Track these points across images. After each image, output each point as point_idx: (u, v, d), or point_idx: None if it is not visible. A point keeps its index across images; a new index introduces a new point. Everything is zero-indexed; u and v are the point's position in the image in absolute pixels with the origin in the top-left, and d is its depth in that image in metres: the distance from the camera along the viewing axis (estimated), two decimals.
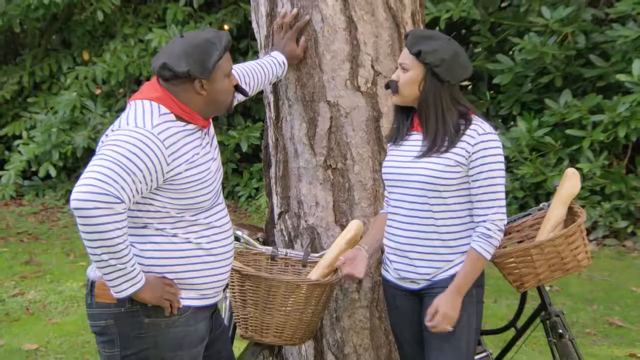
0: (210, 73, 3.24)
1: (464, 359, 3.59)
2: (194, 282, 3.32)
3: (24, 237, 9.57)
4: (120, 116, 3.26)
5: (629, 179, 8.72)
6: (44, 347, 6.11)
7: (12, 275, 7.96)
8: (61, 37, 12.67)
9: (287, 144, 4.24)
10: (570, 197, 4.08)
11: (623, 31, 8.66)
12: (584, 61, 9.22)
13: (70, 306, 7.03)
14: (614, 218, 8.71)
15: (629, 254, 8.46)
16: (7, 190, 11.36)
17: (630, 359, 5.76)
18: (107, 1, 11.43)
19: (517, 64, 9.19)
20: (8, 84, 12.01)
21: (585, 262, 4.02)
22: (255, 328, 3.78)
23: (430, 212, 3.53)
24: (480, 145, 3.44)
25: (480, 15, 9.46)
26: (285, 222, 4.34)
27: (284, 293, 3.71)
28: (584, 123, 8.68)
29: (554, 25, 8.92)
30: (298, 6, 4.07)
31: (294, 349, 4.37)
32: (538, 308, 4.21)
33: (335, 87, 4.09)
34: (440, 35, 3.57)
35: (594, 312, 6.74)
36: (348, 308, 4.20)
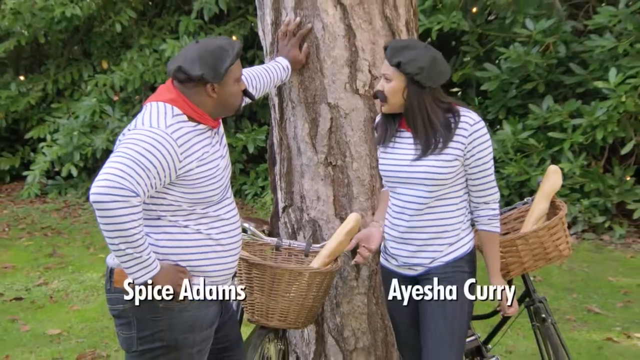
0: (221, 78, 3.24)
1: (457, 340, 3.58)
2: (205, 270, 3.32)
3: (47, 231, 9.56)
4: (137, 117, 3.26)
5: (606, 178, 8.72)
6: (66, 332, 6.10)
7: (37, 267, 7.95)
8: (82, 48, 12.67)
9: (291, 142, 4.23)
10: (552, 192, 4.09)
11: (600, 42, 8.68)
12: (564, 69, 9.22)
13: (91, 295, 7.03)
14: (592, 214, 8.71)
15: (606, 247, 8.46)
16: (33, 189, 11.38)
17: (607, 343, 5.74)
18: (125, 14, 11.45)
19: (503, 71, 9.19)
20: (33, 90, 12.00)
21: (566, 252, 4.02)
22: (261, 313, 3.78)
23: (431, 204, 3.53)
24: (474, 136, 3.46)
25: (469, 26, 9.45)
26: (289, 215, 4.33)
27: (288, 280, 3.70)
28: (564, 126, 8.68)
29: (536, 36, 8.92)
30: (301, 15, 4.07)
31: (297, 333, 4.36)
32: (522, 295, 4.21)
33: (335, 90, 4.08)
34: (417, 44, 3.54)
35: (573, 300, 6.73)
36: (347, 295, 4.20)
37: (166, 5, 12.65)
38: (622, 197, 8.72)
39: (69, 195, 11.49)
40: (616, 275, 7.45)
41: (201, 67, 3.19)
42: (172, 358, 3.29)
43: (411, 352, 3.78)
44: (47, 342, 5.91)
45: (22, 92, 12.00)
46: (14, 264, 8.04)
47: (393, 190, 3.62)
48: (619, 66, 8.54)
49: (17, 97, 11.92)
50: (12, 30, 11.53)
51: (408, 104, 3.47)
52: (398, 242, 3.62)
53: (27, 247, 8.82)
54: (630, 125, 8.65)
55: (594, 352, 5.58)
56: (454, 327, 3.56)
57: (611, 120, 8.38)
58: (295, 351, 4.40)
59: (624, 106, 8.27)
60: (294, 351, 4.40)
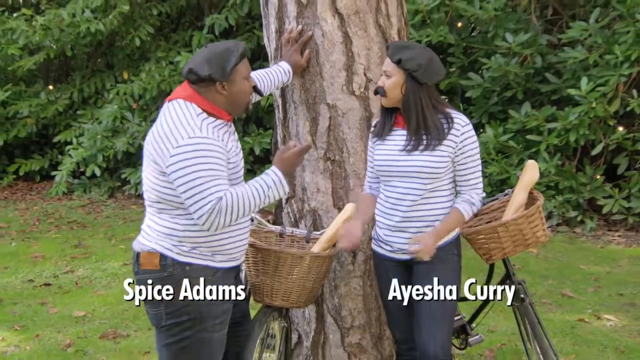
0: (228, 76, 3.26)
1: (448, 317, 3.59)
2: (225, 248, 3.35)
3: (73, 225, 9.55)
4: (160, 116, 3.31)
5: (578, 177, 8.72)
6: (90, 314, 6.09)
7: (64, 256, 7.94)
8: (105, 60, 12.68)
9: (293, 140, 4.21)
10: (531, 184, 4.08)
11: (573, 53, 8.69)
12: (540, 78, 9.23)
13: (112, 281, 7.01)
14: (566, 209, 8.70)
15: (578, 238, 8.45)
16: (60, 187, 11.37)
17: (580, 323, 5.73)
18: (143, 30, 11.45)
19: (486, 80, 9.20)
20: (61, 99, 12.00)
21: (543, 238, 4.01)
22: (266, 293, 3.77)
23: (425, 195, 3.53)
24: (464, 136, 3.50)
25: (455, 39, 9.45)
26: (291, 206, 4.32)
27: (291, 264, 3.70)
28: (541, 130, 8.67)
29: (515, 48, 8.92)
30: (302, 23, 4.06)
31: (299, 312, 4.34)
32: (503, 277, 4.20)
33: (333, 92, 4.07)
34: (416, 45, 3.61)
35: (549, 285, 6.71)
36: (344, 278, 4.18)
37: (181, 22, 12.69)
38: (592, 194, 8.72)
39: (92, 193, 11.49)
40: (587, 263, 7.44)
41: (209, 67, 3.22)
42: (197, 330, 3.30)
43: (401, 330, 3.77)
44: (73, 323, 5.90)
45: (50, 100, 12.01)
46: (43, 254, 8.03)
47: (387, 183, 3.61)
48: (589, 75, 8.55)
49: (47, 104, 11.93)
50: (42, 44, 11.55)
51: (405, 98, 3.49)
52: (393, 231, 3.62)
53: (55, 239, 8.81)
54: (599, 128, 8.64)
55: (568, 331, 5.56)
56: (445, 305, 3.55)
57: (583, 124, 8.38)
58: (297, 330, 4.38)
59: (594, 112, 8.28)
60: (296, 330, 4.38)
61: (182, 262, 3.26)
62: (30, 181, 12.45)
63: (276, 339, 4.10)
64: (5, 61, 11.92)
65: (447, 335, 3.58)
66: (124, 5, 10.94)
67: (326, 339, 4.26)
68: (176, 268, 3.24)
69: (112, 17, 11.01)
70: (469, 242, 4.04)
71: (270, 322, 3.96)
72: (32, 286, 6.91)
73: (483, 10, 9.11)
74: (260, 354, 4.04)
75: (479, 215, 4.26)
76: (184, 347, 3.30)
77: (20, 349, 5.38)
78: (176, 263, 3.25)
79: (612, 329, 5.66)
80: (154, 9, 11.70)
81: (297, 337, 4.38)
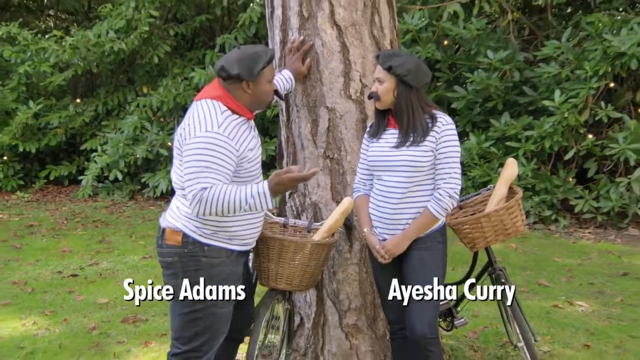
0: (255, 77, 3.29)
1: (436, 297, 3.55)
2: (241, 234, 3.38)
3: (98, 223, 9.52)
4: (189, 115, 3.31)
5: (552, 179, 8.70)
6: (112, 301, 6.07)
7: (89, 251, 7.91)
8: (127, 76, 12.65)
9: (296, 140, 4.20)
10: (510, 180, 4.06)
11: (547, 69, 8.71)
12: (518, 91, 9.23)
13: (133, 273, 6.99)
14: (542, 208, 8.67)
15: (552, 235, 8.43)
16: (86, 190, 11.35)
17: (554, 309, 5.71)
18: (161, 49, 11.45)
19: (469, 93, 9.19)
20: (87, 111, 11.98)
21: (522, 228, 3.98)
22: (271, 278, 3.74)
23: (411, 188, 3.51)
24: (443, 133, 3.47)
25: (441, 56, 9.46)
26: (294, 199, 4.29)
27: (294, 251, 3.68)
28: (519, 137, 8.65)
29: (496, 64, 8.93)
30: (304, 34, 4.05)
31: (301, 297, 4.31)
32: (486, 264, 4.16)
33: (332, 96, 4.05)
34: (404, 52, 3.63)
35: (527, 276, 6.69)
36: (342, 265, 4.15)
37: (195, 42, 12.70)
38: (565, 195, 8.70)
39: (115, 195, 11.46)
40: (561, 256, 7.41)
41: (239, 67, 3.26)
42: (208, 305, 3.32)
43: (394, 312, 3.75)
44: (97, 309, 5.88)
45: (78, 112, 12.00)
46: (70, 249, 8.01)
47: (378, 177, 3.60)
48: (562, 89, 8.56)
49: (74, 116, 11.92)
50: (71, 62, 11.54)
51: (397, 101, 3.49)
52: (384, 222, 3.59)
53: (82, 235, 8.78)
54: (571, 136, 8.63)
55: (544, 315, 5.54)
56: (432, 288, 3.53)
57: (556, 132, 8.37)
58: (299, 312, 4.35)
59: (566, 121, 8.28)
60: (298, 312, 4.35)
61: (203, 242, 3.29)
62: (59, 185, 12.42)
63: (280, 321, 4.08)
64: (38, 77, 11.93)
65: (433, 316, 3.55)
66: (144, 27, 10.93)
67: (326, 321, 4.23)
68: (196, 247, 3.28)
69: (133, 37, 11.01)
70: (455, 232, 4.01)
71: (275, 304, 3.93)
72: (60, 277, 6.89)
73: (467, 30, 9.12)
74: (266, 334, 4.02)
75: (464, 208, 4.22)
76: (195, 318, 3.32)
77: (50, 331, 5.36)
78: (197, 243, 3.28)
79: (583, 313, 5.63)
80: (171, 30, 11.71)
81: (300, 320, 4.34)
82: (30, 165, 12.51)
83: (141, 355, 4.89)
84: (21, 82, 11.85)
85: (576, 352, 4.84)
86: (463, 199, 4.27)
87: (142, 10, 11.05)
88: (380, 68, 3.50)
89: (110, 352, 4.95)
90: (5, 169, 11.89)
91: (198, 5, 12.15)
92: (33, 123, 11.75)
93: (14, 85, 11.82)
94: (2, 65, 12.34)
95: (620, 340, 5.03)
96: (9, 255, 7.75)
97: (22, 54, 11.51)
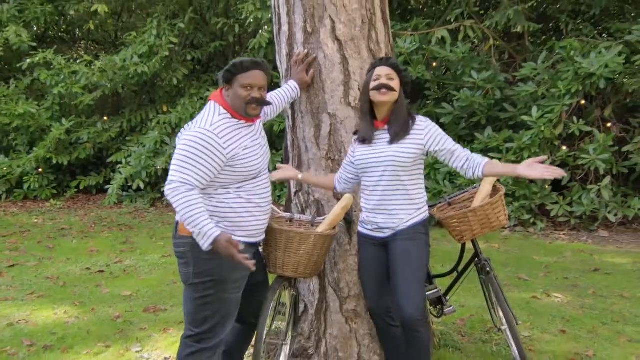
0: (227, 82, 3.28)
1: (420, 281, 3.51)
2: (244, 226, 3.31)
3: (122, 227, 9.49)
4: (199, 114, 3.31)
5: (531, 187, 8.67)
6: (135, 294, 6.02)
7: (114, 251, 7.88)
8: (149, 96, 12.67)
9: (300, 143, 4.16)
10: (494, 179, 4.01)
11: (525, 88, 8.71)
12: (500, 108, 9.21)
13: (153, 269, 6.94)
14: (521, 213, 8.64)
15: (531, 236, 8.38)
16: (112, 198, 11.33)
17: (533, 300, 5.67)
18: (179, 72, 11.47)
19: (456, 109, 9.17)
20: (113, 127, 12.00)
21: (505, 222, 3.94)
22: (279, 266, 3.70)
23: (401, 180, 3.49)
24: (427, 128, 3.51)
25: (431, 77, 9.45)
26: (299, 197, 4.25)
27: (299, 241, 3.63)
28: (500, 149, 8.63)
29: (479, 83, 8.92)
30: (308, 48, 4.02)
31: (305, 286, 4.27)
32: (472, 256, 4.12)
33: (333, 103, 4.02)
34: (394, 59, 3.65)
35: (508, 272, 6.64)
36: (342, 256, 4.11)
37: (209, 65, 12.74)
38: (542, 200, 8.67)
39: (138, 202, 11.43)
40: (539, 255, 7.36)
41: (222, 73, 3.28)
42: (218, 290, 3.26)
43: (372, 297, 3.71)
44: (122, 300, 5.83)
45: (105, 129, 12.01)
46: (98, 249, 7.97)
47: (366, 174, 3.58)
48: (539, 105, 8.56)
49: (102, 132, 11.93)
50: (99, 84, 11.55)
51: (399, 96, 3.51)
52: (370, 212, 3.58)
53: (107, 237, 8.74)
54: (547, 148, 8.60)
55: (524, 305, 5.49)
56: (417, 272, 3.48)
57: (534, 144, 8.36)
58: (303, 300, 4.29)
59: (543, 134, 8.27)
60: (302, 300, 4.30)
61: None
62: (88, 194, 12.40)
63: (286, 307, 4.03)
64: (70, 98, 11.94)
65: (421, 299, 3.48)
66: (164, 52, 10.96)
67: (327, 307, 4.18)
68: None
69: (155, 61, 11.03)
70: (445, 226, 3.97)
71: (282, 290, 3.88)
72: (88, 273, 6.84)
73: (453, 53, 9.12)
74: (273, 319, 3.97)
75: (452, 204, 4.19)
76: (206, 303, 3.27)
77: (79, 319, 5.31)
78: None
79: (559, 304, 5.58)
80: (188, 55, 11.74)
81: (304, 307, 4.29)
82: (62, 176, 12.50)
83: (161, 340, 4.84)
84: (55, 102, 11.86)
85: (553, 337, 4.78)
86: (452, 196, 4.24)
87: (163, 37, 11.09)
88: (389, 69, 3.50)
89: (133, 337, 4.90)
90: (41, 179, 11.88)
91: (213, 32, 12.17)
92: (65, 138, 11.76)
93: (48, 105, 11.83)
94: (39, 87, 12.37)
95: (592, 327, 4.98)
96: (44, 254, 7.72)
97: (56, 77, 11.53)
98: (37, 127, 11.84)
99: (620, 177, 8.84)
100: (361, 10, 4.00)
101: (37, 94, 12.50)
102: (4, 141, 12.27)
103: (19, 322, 5.24)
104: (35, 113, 11.58)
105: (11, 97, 11.81)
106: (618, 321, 5.11)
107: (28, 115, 11.55)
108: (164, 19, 11.62)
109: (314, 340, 4.23)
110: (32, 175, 11.78)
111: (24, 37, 11.66)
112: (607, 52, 8.22)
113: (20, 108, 11.44)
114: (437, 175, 8.76)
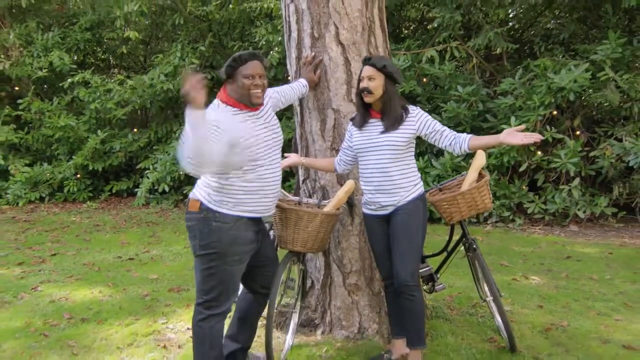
0: (230, 76, 3.22)
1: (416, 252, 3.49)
2: (243, 202, 3.24)
3: (149, 224, 9.44)
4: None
5: (510, 187, 8.61)
6: (161, 277, 5.98)
7: (142, 242, 7.84)
8: (174, 111, 12.63)
9: (308, 136, 4.14)
10: (480, 166, 3.99)
11: (504, 100, 8.68)
12: (482, 118, 9.15)
13: (177, 257, 6.90)
14: (502, 210, 8.58)
15: (510, 231, 8.31)
16: (140, 200, 11.25)
17: (514, 281, 5.63)
18: None
19: (444, 119, 9.10)
20: (142, 138, 11.95)
21: (489, 205, 3.91)
22: (289, 242, 3.68)
23: (397, 162, 3.47)
24: (418, 115, 3.51)
25: (421, 91, 9.42)
26: (307, 184, 4.23)
27: (307, 220, 3.61)
28: None
29: (464, 96, 8.90)
30: (315, 51, 4.02)
31: (312, 263, 4.24)
32: (460, 236, 4.08)
33: (337, 100, 4.01)
34: (386, 58, 3.63)
35: (491, 259, 6.58)
36: (345, 235, 4.08)
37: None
38: (520, 199, 8.61)
39: (163, 203, 11.38)
40: (518, 246, 7.30)
41: (224, 68, 3.23)
42: (221, 262, 3.21)
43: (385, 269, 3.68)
44: (149, 283, 5.79)
45: (135, 139, 11.97)
46: (128, 241, 7.93)
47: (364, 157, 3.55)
48: (516, 116, 8.52)
49: (132, 142, 11.89)
50: (130, 100, 11.53)
51: (385, 94, 3.44)
52: (373, 193, 3.55)
53: (137, 232, 8.70)
54: (524, 153, 8.56)
55: (505, 286, 5.44)
56: (413, 244, 3.46)
57: (513, 150, 8.33)
58: (310, 277, 4.27)
59: None
60: (309, 277, 4.27)
61: (214, 210, 3.19)
62: (119, 196, 12.35)
63: (295, 282, 4.00)
64: (104, 112, 11.91)
65: (414, 267, 3.47)
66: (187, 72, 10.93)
67: (332, 281, 4.15)
68: (209, 213, 3.19)
69: (179, 79, 11.01)
70: (435, 208, 3.94)
71: (292, 265, 3.85)
72: (120, 260, 6.81)
73: (441, 70, 9.11)
74: (283, 293, 3.94)
75: (442, 190, 4.16)
76: (211, 273, 3.22)
77: (112, 297, 5.28)
78: (210, 210, 3.19)
79: (537, 285, 5.53)
80: (208, 74, 11.72)
81: (311, 283, 4.27)
82: (97, 181, 12.46)
83: (184, 314, 4.80)
84: (92, 116, 11.86)
85: (532, 311, 4.73)
86: (443, 183, 4.21)
87: (186, 58, 11.09)
88: (371, 68, 3.46)
89: (159, 312, 4.87)
90: (79, 184, 11.87)
91: (229, 55, 12.16)
92: (100, 148, 11.73)
93: (86, 119, 11.83)
94: (78, 104, 12.39)
95: (566, 302, 4.93)
96: (81, 245, 7.69)
97: (93, 94, 11.52)
98: (75, 138, 11.83)
99: (588, 179, 8.77)
100: (362, 18, 3.99)
101: (77, 109, 12.50)
102: (47, 151, 12.29)
103: (60, 300, 5.22)
104: (74, 126, 11.58)
105: (54, 112, 11.81)
106: (588, 298, 5.06)
107: (68, 127, 11.55)
108: (187, 43, 11.63)
109: (320, 311, 4.19)
110: (71, 180, 11.78)
111: (66, 60, 11.71)
112: (575, 69, 8.21)
113: (61, 121, 11.46)
114: (427, 177, 8.72)
